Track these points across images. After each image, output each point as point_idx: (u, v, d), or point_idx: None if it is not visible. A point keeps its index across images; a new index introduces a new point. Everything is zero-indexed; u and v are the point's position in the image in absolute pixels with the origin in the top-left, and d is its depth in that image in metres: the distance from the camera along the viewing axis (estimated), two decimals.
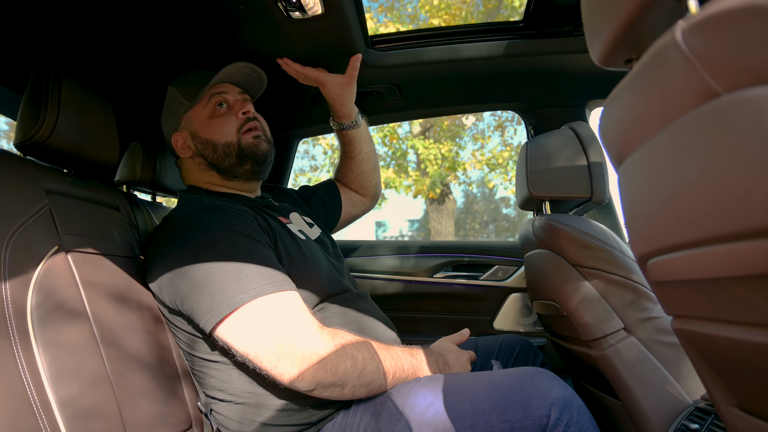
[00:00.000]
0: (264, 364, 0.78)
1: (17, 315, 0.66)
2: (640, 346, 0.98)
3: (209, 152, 1.05)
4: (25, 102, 0.87)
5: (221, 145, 1.04)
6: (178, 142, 1.08)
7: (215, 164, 1.05)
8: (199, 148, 1.06)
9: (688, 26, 0.36)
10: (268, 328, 0.78)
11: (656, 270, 0.50)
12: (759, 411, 0.46)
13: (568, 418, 0.73)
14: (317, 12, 0.97)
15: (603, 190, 1.13)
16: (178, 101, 1.08)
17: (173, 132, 1.09)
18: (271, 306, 0.79)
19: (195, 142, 1.06)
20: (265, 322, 0.78)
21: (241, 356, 0.80)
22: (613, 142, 0.54)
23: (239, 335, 0.78)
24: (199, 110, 1.06)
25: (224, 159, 1.04)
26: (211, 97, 1.06)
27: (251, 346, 0.78)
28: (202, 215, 0.90)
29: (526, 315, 1.59)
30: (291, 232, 1.01)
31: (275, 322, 0.78)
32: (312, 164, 10.69)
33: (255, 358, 0.78)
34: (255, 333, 0.78)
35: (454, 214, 8.89)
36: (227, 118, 1.05)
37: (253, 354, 0.78)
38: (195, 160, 1.08)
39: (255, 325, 0.78)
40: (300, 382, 0.77)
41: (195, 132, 1.06)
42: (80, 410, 0.67)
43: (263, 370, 0.79)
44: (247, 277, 0.80)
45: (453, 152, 7.91)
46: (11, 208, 0.72)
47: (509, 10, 7.44)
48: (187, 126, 1.07)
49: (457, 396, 0.79)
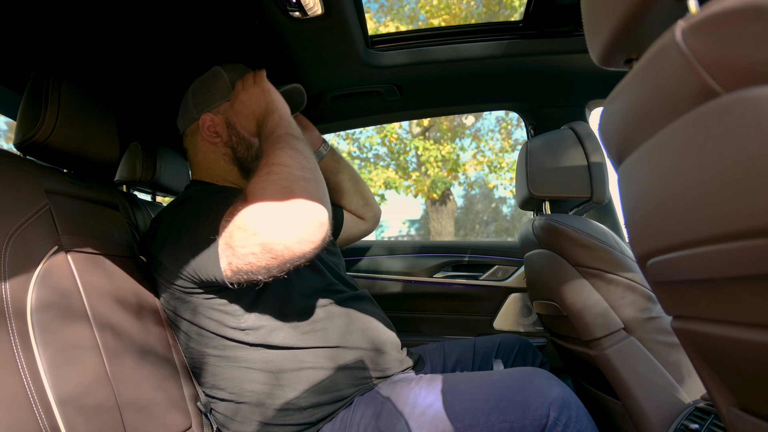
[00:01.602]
0: (289, 249, 0.73)
1: (17, 315, 0.66)
2: (640, 346, 0.98)
3: (242, 149, 1.04)
4: (25, 102, 0.86)
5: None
6: (207, 123, 1.03)
7: (243, 161, 1.04)
8: (233, 141, 1.04)
9: (688, 26, 0.36)
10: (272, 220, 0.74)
11: (656, 270, 0.50)
12: (759, 411, 0.46)
13: (567, 418, 0.73)
14: (317, 12, 0.97)
15: (603, 190, 1.13)
16: (226, 86, 1.05)
17: (206, 110, 1.05)
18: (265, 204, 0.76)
19: (230, 133, 1.04)
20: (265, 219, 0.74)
21: (265, 271, 0.76)
22: (613, 142, 0.54)
23: (251, 251, 0.74)
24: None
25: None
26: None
27: (267, 245, 0.74)
28: (202, 191, 0.90)
29: (526, 315, 1.59)
30: None
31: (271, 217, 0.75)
32: None
33: (281, 251, 0.74)
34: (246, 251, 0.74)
35: (454, 214, 8.89)
36: None
37: (278, 253, 0.74)
38: (219, 149, 1.04)
39: (262, 226, 0.74)
40: (316, 234, 0.74)
41: (233, 123, 1.03)
42: (80, 410, 0.67)
43: (293, 256, 0.74)
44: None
45: (453, 154, 7.91)
46: (11, 208, 0.72)
47: (509, 10, 7.44)
48: (226, 114, 1.04)
49: (456, 396, 0.79)
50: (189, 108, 1.07)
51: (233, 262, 0.75)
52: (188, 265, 0.81)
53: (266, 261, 0.73)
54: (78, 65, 1.11)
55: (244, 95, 1.00)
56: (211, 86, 1.06)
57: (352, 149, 8.97)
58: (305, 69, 1.26)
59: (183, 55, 1.12)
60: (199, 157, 1.07)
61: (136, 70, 1.17)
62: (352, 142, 8.92)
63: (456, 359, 1.14)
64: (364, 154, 9.14)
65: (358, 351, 0.92)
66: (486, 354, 1.14)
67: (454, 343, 1.19)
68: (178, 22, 1.00)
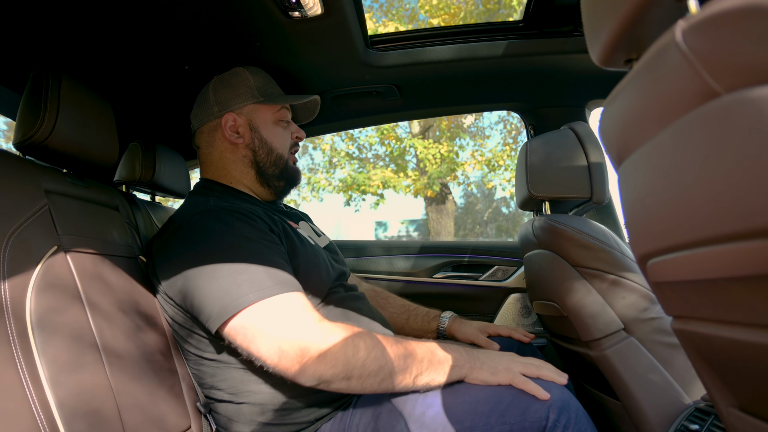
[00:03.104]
0: (268, 362, 0.77)
1: (16, 315, 0.66)
2: (640, 346, 0.98)
3: (263, 153, 1.05)
4: (25, 102, 0.86)
5: (276, 154, 1.06)
6: (230, 122, 1.04)
7: (261, 165, 1.05)
8: (255, 144, 1.05)
9: (688, 26, 0.36)
10: (271, 327, 0.78)
11: (656, 270, 0.50)
12: (759, 412, 0.46)
13: (566, 420, 0.73)
14: (317, 12, 0.97)
15: (603, 191, 1.13)
16: (251, 88, 1.06)
17: (228, 109, 1.05)
18: (275, 307, 0.79)
19: (253, 136, 1.05)
20: (268, 323, 0.78)
21: (246, 355, 0.80)
22: (613, 143, 0.54)
23: (244, 335, 0.78)
24: (268, 111, 1.07)
25: (272, 167, 1.06)
26: (282, 108, 1.09)
27: (254, 345, 0.78)
28: (208, 218, 0.88)
29: (526, 315, 1.59)
30: (300, 235, 1.01)
31: (277, 322, 0.78)
32: (309, 165, 10.70)
33: (259, 356, 0.78)
34: (258, 333, 0.77)
35: (453, 214, 8.89)
36: (287, 133, 1.10)
37: (256, 353, 0.78)
38: (240, 150, 1.05)
39: (259, 326, 0.78)
40: (302, 377, 0.76)
41: (257, 127, 1.05)
42: (79, 410, 0.67)
43: (269, 368, 0.78)
44: (252, 279, 0.79)
45: (452, 153, 7.91)
46: (10, 208, 0.72)
47: (509, 10, 7.44)
48: (250, 116, 1.05)
49: (455, 398, 0.79)
50: (209, 105, 1.07)
51: (236, 338, 0.79)
52: (190, 303, 0.84)
53: (265, 360, 0.78)
54: (78, 65, 1.11)
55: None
56: (236, 86, 1.06)
57: (351, 149, 8.98)
58: (305, 69, 1.26)
59: (183, 56, 1.12)
60: (214, 156, 1.07)
61: (135, 70, 1.17)
62: (351, 142, 8.93)
63: None
64: (363, 154, 9.15)
65: None
66: None
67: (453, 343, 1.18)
68: (178, 23, 1.00)
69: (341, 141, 9.02)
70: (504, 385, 0.79)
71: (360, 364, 0.76)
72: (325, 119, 1.62)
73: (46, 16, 0.93)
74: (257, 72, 1.10)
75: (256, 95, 1.06)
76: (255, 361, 0.79)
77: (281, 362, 0.77)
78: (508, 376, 0.79)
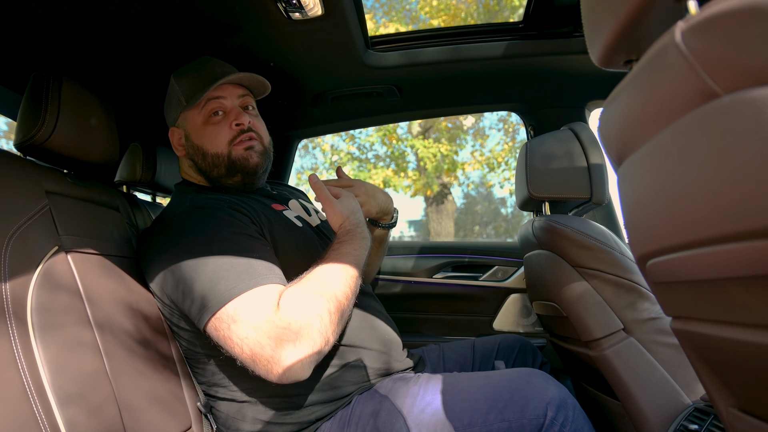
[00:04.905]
0: (249, 367, 0.75)
1: (17, 315, 0.66)
2: (640, 346, 0.98)
3: (199, 159, 1.03)
4: (25, 102, 0.86)
5: (210, 155, 1.01)
6: (174, 138, 1.08)
7: (205, 170, 1.04)
8: (191, 153, 1.05)
9: (687, 27, 0.36)
10: (236, 332, 0.75)
11: (655, 271, 0.50)
12: (758, 412, 0.46)
13: (564, 418, 0.74)
14: (317, 13, 0.97)
15: (603, 191, 1.13)
16: (178, 95, 1.05)
17: (171, 125, 1.09)
18: (239, 306, 0.76)
19: (187, 146, 1.05)
20: (233, 326, 0.75)
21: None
22: (612, 143, 0.54)
23: (217, 339, 0.77)
24: (195, 114, 1.03)
25: (213, 169, 1.02)
26: (208, 102, 1.01)
27: (232, 352, 0.76)
28: (185, 219, 0.88)
29: (526, 315, 1.59)
30: (286, 219, 1.00)
31: (240, 325, 0.75)
32: (312, 163, 10.70)
33: (242, 362, 0.76)
34: (228, 340, 0.75)
35: (453, 214, 8.89)
36: (221, 127, 1.01)
37: (239, 359, 0.76)
38: (186, 160, 1.07)
39: (226, 333, 0.75)
40: (285, 379, 0.74)
41: (188, 134, 1.05)
42: (80, 409, 0.67)
43: (253, 373, 0.76)
44: (218, 279, 0.77)
45: (452, 152, 7.91)
46: (11, 208, 0.72)
47: (509, 10, 7.44)
48: (183, 125, 1.06)
49: (454, 396, 0.79)
50: (167, 123, 1.11)
51: (215, 334, 0.77)
52: (179, 304, 0.83)
53: (242, 358, 0.75)
54: (78, 66, 1.11)
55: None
56: (170, 98, 1.08)
57: (351, 149, 8.98)
58: (305, 70, 1.26)
59: (184, 57, 1.12)
60: (180, 164, 1.11)
61: (136, 70, 1.17)
62: (352, 142, 8.93)
63: (455, 360, 1.13)
64: (364, 154, 9.15)
65: (366, 350, 0.91)
66: (486, 355, 1.14)
67: (453, 344, 1.18)
68: (178, 23, 1.00)
69: (342, 141, 9.03)
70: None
71: (325, 327, 0.76)
72: (326, 120, 1.62)
73: (47, 17, 0.93)
74: (183, 73, 1.06)
75: (182, 102, 1.04)
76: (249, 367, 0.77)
77: (257, 368, 0.74)
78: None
